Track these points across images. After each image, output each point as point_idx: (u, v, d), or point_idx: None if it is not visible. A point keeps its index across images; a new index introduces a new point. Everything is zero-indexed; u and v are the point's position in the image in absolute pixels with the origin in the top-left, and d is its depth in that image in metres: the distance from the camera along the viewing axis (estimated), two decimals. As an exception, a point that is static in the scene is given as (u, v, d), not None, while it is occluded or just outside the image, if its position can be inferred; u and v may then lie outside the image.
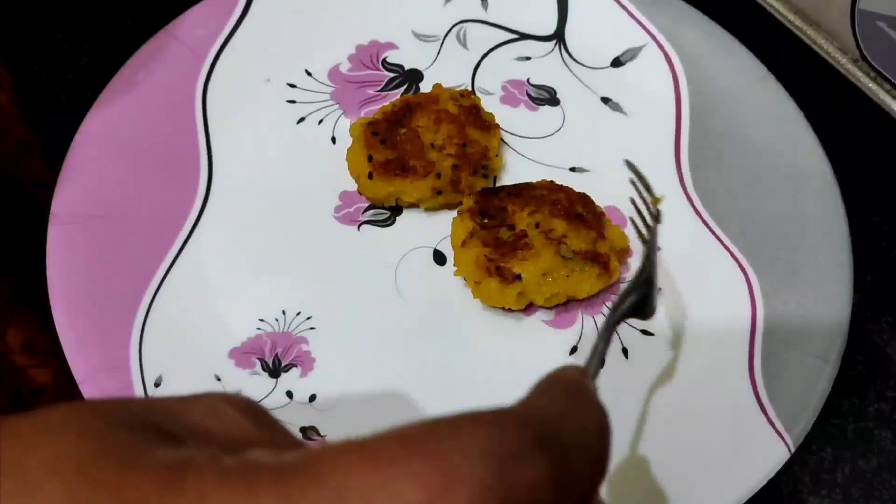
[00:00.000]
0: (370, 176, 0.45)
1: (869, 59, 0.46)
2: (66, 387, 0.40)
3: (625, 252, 0.45)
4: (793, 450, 0.38)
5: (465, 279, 0.43)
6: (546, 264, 0.42)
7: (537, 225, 0.43)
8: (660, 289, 0.44)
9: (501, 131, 0.49)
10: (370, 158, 0.46)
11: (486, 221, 0.44)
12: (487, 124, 0.48)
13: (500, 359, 0.42)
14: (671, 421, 0.40)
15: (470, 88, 0.51)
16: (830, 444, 0.41)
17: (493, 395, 0.41)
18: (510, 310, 0.43)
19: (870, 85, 0.47)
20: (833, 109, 0.50)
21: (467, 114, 0.48)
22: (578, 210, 0.44)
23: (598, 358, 0.28)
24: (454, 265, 0.44)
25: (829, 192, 0.46)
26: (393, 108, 0.48)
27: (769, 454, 0.38)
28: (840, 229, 0.45)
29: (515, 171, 0.48)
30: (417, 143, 0.47)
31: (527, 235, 0.43)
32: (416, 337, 0.43)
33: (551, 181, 0.46)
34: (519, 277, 0.42)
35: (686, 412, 0.40)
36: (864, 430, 0.42)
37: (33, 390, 0.43)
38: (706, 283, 0.44)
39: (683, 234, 0.46)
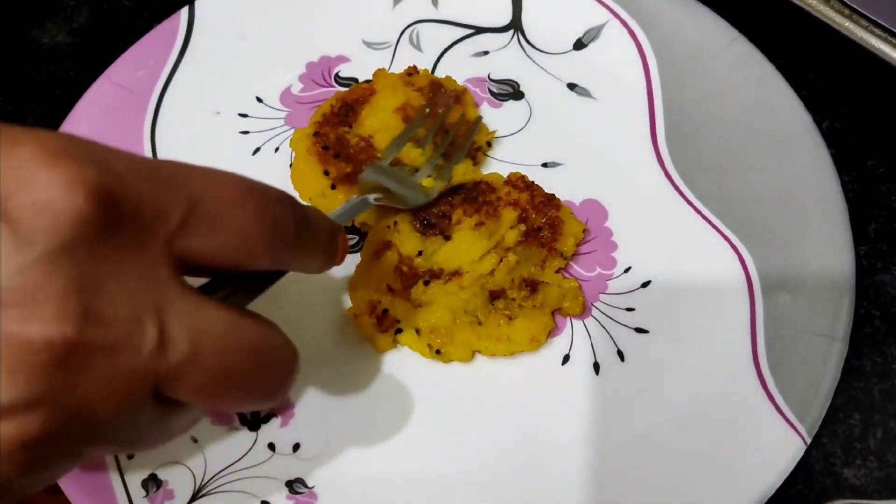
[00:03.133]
0: (333, 186, 0.43)
1: (840, -4, 0.43)
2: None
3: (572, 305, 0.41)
4: (808, 441, 0.35)
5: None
6: (436, 320, 0.40)
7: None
8: (649, 281, 0.42)
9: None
10: (326, 173, 0.44)
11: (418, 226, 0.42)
12: (455, 94, 0.46)
13: (489, 376, 0.40)
14: (676, 423, 0.38)
15: (428, 93, 0.49)
16: (857, 410, 0.38)
17: (482, 413, 0.39)
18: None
19: (846, 24, 0.43)
20: (809, 55, 0.47)
21: (430, 96, 0.45)
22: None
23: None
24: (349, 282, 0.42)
25: (817, 153, 0.43)
26: (332, 110, 0.45)
27: (782, 448, 0.35)
28: (832, 191, 0.42)
29: (485, 173, 0.46)
30: (371, 153, 0.44)
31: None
32: (398, 362, 0.41)
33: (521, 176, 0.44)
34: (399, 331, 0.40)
35: (691, 412, 0.38)
36: (892, 389, 0.39)
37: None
38: (698, 270, 0.42)
39: (669, 220, 0.43)
